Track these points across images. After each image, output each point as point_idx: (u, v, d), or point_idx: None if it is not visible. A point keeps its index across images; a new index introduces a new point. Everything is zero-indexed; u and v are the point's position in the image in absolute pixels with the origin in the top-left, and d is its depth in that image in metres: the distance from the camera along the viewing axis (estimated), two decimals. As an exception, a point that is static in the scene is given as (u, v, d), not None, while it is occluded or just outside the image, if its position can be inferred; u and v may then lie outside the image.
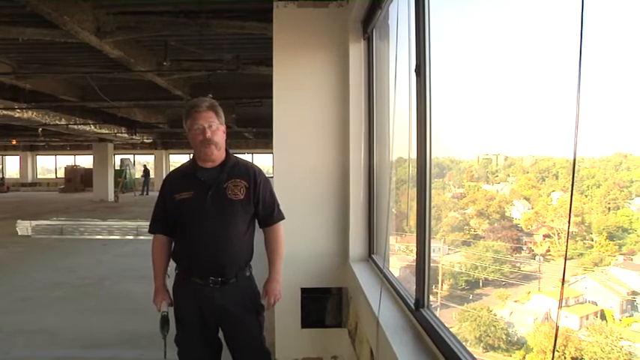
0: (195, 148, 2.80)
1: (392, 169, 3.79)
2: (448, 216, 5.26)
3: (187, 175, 2.86)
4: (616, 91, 1.79)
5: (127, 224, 13.72)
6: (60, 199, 26.46)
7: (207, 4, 6.34)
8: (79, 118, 15.98)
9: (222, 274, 2.78)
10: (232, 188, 2.77)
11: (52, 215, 15.92)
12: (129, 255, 10.88)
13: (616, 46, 1.73)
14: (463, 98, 3.52)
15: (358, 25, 4.08)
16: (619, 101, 1.75)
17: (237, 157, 2.93)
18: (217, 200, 2.76)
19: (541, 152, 3.91)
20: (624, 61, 1.20)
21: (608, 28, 1.74)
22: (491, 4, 2.93)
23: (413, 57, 2.64)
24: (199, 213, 2.75)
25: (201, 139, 2.73)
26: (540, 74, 2.73)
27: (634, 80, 0.99)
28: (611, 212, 3.26)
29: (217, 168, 2.81)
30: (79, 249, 11.65)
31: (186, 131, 2.82)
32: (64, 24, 5.99)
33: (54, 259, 10.43)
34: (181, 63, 8.92)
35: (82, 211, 19.40)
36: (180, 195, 2.79)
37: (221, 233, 2.76)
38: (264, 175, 2.93)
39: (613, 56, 1.78)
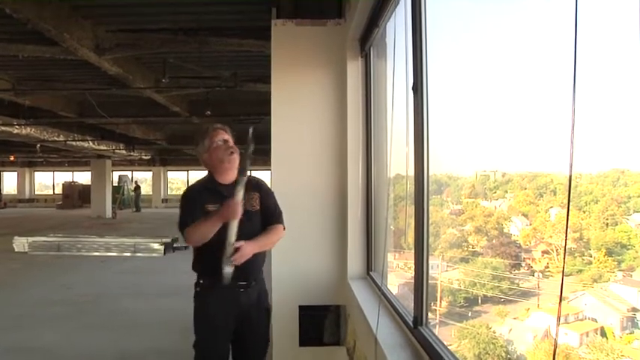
0: (216, 164, 3.01)
1: (390, 186, 3.80)
2: (446, 232, 5.25)
3: (210, 190, 3.02)
4: (612, 108, 1.79)
5: (124, 241, 13.68)
6: (57, 216, 26.39)
7: (205, 21, 6.40)
8: (78, 134, 16.00)
9: (248, 277, 3.02)
10: (249, 200, 2.98)
11: (50, 232, 15.86)
12: (127, 272, 10.84)
13: (611, 63, 1.75)
14: (461, 115, 3.53)
15: (356, 43, 4.11)
16: (615, 117, 1.76)
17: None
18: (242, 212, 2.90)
19: (539, 168, 3.91)
20: (619, 78, 1.21)
21: (602, 44, 1.75)
22: (488, 23, 2.96)
23: (410, 75, 2.66)
24: (226, 225, 2.86)
25: (225, 148, 2.99)
26: (538, 91, 2.75)
27: (629, 97, 1.00)
28: (610, 228, 3.25)
29: (233, 184, 2.94)
30: (76, 266, 11.59)
31: (204, 152, 3.04)
32: (64, 41, 6.03)
33: (51, 275, 10.37)
34: (180, 80, 8.96)
35: (79, 228, 19.33)
36: (210, 207, 2.93)
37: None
38: (267, 185, 3.22)
39: (608, 73, 1.80)
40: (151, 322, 6.83)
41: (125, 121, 14.04)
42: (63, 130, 15.15)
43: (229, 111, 11.71)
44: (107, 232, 16.53)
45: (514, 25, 2.82)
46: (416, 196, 2.64)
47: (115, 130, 16.32)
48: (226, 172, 3.01)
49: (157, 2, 5.97)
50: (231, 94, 10.16)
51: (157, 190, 34.88)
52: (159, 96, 9.74)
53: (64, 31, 5.82)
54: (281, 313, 4.07)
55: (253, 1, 5.84)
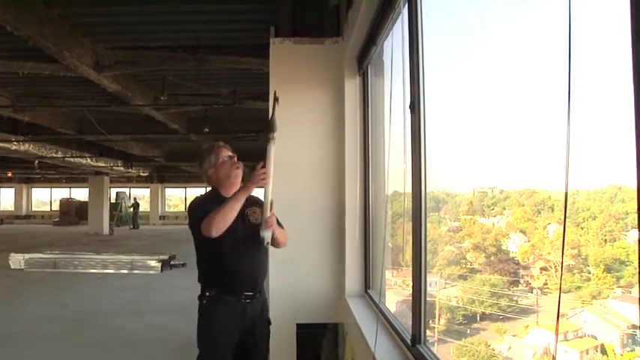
0: (222, 179, 3.11)
1: (387, 203, 3.80)
2: (444, 250, 5.24)
3: (217, 202, 3.01)
4: (609, 124, 1.81)
5: (121, 258, 13.60)
6: (54, 232, 26.26)
7: (205, 39, 6.45)
8: (76, 150, 15.99)
9: (254, 289, 3.08)
10: (252, 214, 3.08)
11: (46, 248, 15.75)
12: (124, 289, 10.76)
13: (606, 80, 1.76)
14: (458, 132, 3.55)
15: (353, 61, 4.14)
16: (612, 133, 1.77)
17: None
18: (245, 225, 3.03)
19: (536, 185, 3.92)
20: (615, 95, 1.23)
21: (597, 60, 1.78)
22: (485, 42, 2.99)
23: (407, 93, 2.68)
24: (234, 237, 2.95)
25: (231, 163, 3.11)
26: (534, 108, 2.76)
27: (625, 114, 1.02)
28: (608, 244, 3.25)
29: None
30: (72, 283, 11.51)
31: (210, 168, 3.13)
32: (64, 58, 6.07)
33: (47, 292, 10.30)
34: (178, 97, 8.99)
35: (76, 245, 19.22)
36: None
37: (254, 253, 3.07)
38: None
39: (603, 90, 1.81)
40: (148, 339, 6.77)
41: (124, 138, 14.05)
42: (61, 147, 15.15)
43: (228, 128, 11.73)
44: (104, 249, 16.44)
45: (510, 44, 2.85)
46: (413, 213, 2.65)
47: (113, 147, 16.33)
48: (232, 187, 3.09)
49: (156, 20, 6.02)
50: (230, 111, 10.20)
51: (154, 207, 34.79)
52: (157, 113, 9.77)
53: (64, 49, 5.86)
54: (279, 331, 4.03)
55: (252, 20, 5.90)
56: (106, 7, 5.67)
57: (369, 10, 3.28)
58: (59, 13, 5.73)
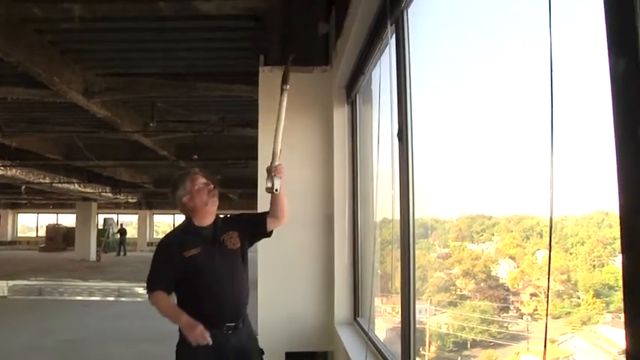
0: (198, 206, 2.99)
1: (376, 230, 3.81)
2: (434, 276, 5.23)
3: (189, 234, 3.00)
4: (595, 151, 1.84)
5: (108, 285, 13.45)
6: (40, 258, 25.89)
7: (195, 67, 6.50)
8: (64, 176, 15.89)
9: (237, 319, 2.95)
10: (229, 240, 2.98)
11: (31, 275, 15.52)
12: (111, 317, 10.59)
13: (589, 110, 1.80)
14: (446, 159, 3.58)
15: (342, 90, 4.19)
16: (597, 160, 1.80)
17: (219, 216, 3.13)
18: (222, 253, 2.95)
19: (525, 211, 3.94)
20: (600, 122, 1.26)
21: (579, 88, 1.81)
22: (471, 71, 3.04)
23: (395, 121, 2.71)
24: (211, 267, 2.90)
25: (207, 191, 3.00)
26: (521, 136, 2.80)
27: (608, 142, 1.04)
28: (597, 269, 3.26)
29: (212, 226, 3.01)
30: (58, 310, 11.32)
31: (185, 195, 3.00)
32: (54, 84, 6.07)
33: (31, 320, 10.10)
34: (168, 124, 9.00)
35: (62, 271, 18.94)
36: (189, 252, 2.90)
37: (233, 282, 2.96)
38: (237, 216, 3.26)
39: (588, 119, 1.85)
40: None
41: (112, 164, 14.01)
42: (49, 172, 15.05)
43: (217, 155, 11.75)
44: (91, 276, 16.24)
45: (495, 72, 2.90)
46: (402, 240, 2.65)
47: (101, 173, 16.25)
48: (207, 215, 3.01)
49: (146, 47, 6.06)
50: (219, 138, 10.22)
51: (142, 234, 34.48)
52: (147, 140, 9.76)
53: (53, 75, 5.88)
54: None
55: (242, 48, 5.96)
56: (97, 34, 5.70)
57: (357, 40, 3.33)
58: (50, 40, 5.76)
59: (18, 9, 4.53)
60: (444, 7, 2.97)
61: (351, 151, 4.16)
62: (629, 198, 1.00)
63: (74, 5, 4.37)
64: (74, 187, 17.74)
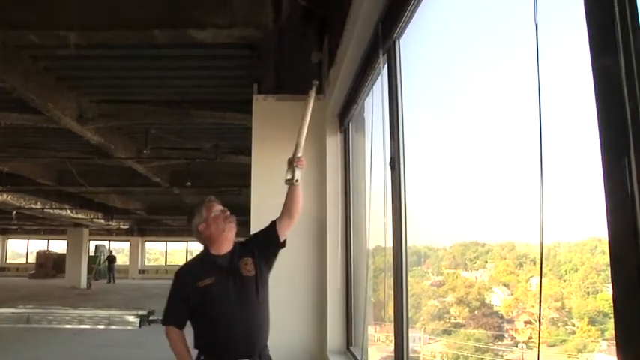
0: (215, 234, 2.91)
1: (369, 257, 3.80)
2: (428, 304, 5.20)
3: (205, 263, 2.94)
4: (586, 178, 1.86)
5: (98, 313, 13.25)
6: (29, 285, 25.51)
7: (189, 94, 6.55)
8: (56, 202, 15.82)
9: (252, 353, 2.81)
10: (244, 266, 2.87)
11: (19, 302, 15.25)
12: (101, 345, 10.41)
13: (579, 136, 1.82)
14: (438, 187, 3.60)
15: (335, 118, 4.22)
16: (588, 187, 1.82)
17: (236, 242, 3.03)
18: (237, 282, 2.84)
19: (517, 238, 3.95)
20: (590, 150, 1.28)
21: (569, 115, 1.84)
22: (461, 100, 3.08)
23: (388, 150, 2.73)
24: (224, 297, 2.80)
25: (224, 217, 2.92)
26: (512, 164, 2.83)
27: (598, 169, 1.06)
28: (591, 296, 3.26)
29: (229, 253, 2.91)
30: (46, 339, 11.11)
31: (201, 223, 2.93)
32: (48, 110, 6.10)
33: (18, 350, 9.89)
34: (161, 151, 9.02)
35: (52, 299, 18.66)
36: (203, 282, 2.82)
37: (246, 314, 2.81)
38: (250, 238, 3.12)
39: (579, 147, 1.87)
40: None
41: (105, 190, 13.98)
42: (41, 198, 14.99)
43: (210, 182, 11.76)
44: (81, 303, 16.00)
45: (486, 101, 2.94)
46: (394, 268, 2.65)
47: (94, 199, 16.19)
48: (224, 242, 2.92)
49: (141, 75, 6.12)
50: (212, 165, 10.23)
51: (134, 261, 34.15)
52: (140, 166, 9.77)
53: (48, 101, 5.91)
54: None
55: (235, 76, 6.02)
56: (92, 61, 5.75)
57: (350, 69, 3.38)
58: (45, 66, 5.80)
59: (14, 36, 4.57)
60: (434, 37, 3.02)
61: (344, 178, 4.17)
62: (617, 226, 1.01)
63: (70, 33, 4.41)
64: (66, 213, 17.65)
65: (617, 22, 0.98)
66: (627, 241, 0.96)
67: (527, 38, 1.39)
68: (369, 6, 2.59)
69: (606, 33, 1.01)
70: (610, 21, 1.00)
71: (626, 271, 0.97)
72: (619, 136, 0.98)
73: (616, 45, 0.98)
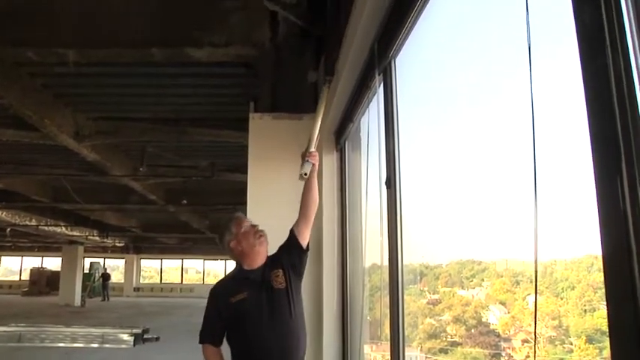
0: (246, 249, 2.91)
1: (365, 276, 3.79)
2: (424, 322, 5.18)
3: (237, 279, 2.93)
4: (582, 195, 1.87)
5: (92, 331, 13.11)
6: (22, 303, 25.27)
7: (185, 112, 6.57)
8: (50, 219, 15.76)
9: None
10: (275, 279, 2.85)
11: (11, 321, 15.06)
12: (93, 365, 10.31)
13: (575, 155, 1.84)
14: (434, 205, 3.61)
15: (331, 136, 4.24)
16: (584, 204, 1.83)
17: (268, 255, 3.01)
18: (269, 295, 2.81)
19: (514, 256, 3.95)
20: (584, 171, 1.29)
21: (565, 133, 1.86)
22: (456, 119, 3.10)
23: (384, 168, 2.74)
24: (257, 312, 2.77)
25: (254, 232, 2.92)
26: (508, 182, 2.84)
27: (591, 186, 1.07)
28: (588, 314, 3.25)
29: (261, 268, 2.90)
30: (38, 358, 10.99)
31: (232, 240, 2.93)
32: (44, 127, 6.11)
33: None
34: (157, 168, 9.03)
35: (45, 317, 18.47)
36: (236, 297, 2.81)
37: (280, 327, 2.79)
38: (278, 250, 3.02)
39: (574, 165, 1.88)
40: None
41: (100, 207, 13.94)
42: (35, 215, 14.93)
43: (205, 200, 11.75)
44: (74, 322, 15.84)
45: (480, 120, 2.96)
46: (390, 286, 2.65)
47: (89, 217, 16.14)
48: (257, 257, 2.91)
49: (138, 93, 6.15)
50: (208, 183, 10.25)
51: (129, 279, 33.92)
52: (136, 184, 9.77)
53: (44, 117, 5.92)
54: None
55: (232, 94, 6.06)
56: (89, 79, 5.78)
57: (346, 89, 3.40)
58: (42, 83, 5.83)
59: (13, 52, 4.60)
60: (429, 56, 3.05)
61: (340, 196, 4.18)
62: (610, 244, 1.02)
63: (69, 50, 4.45)
64: (61, 230, 17.57)
65: (608, 44, 1.00)
66: (621, 258, 0.97)
67: (521, 58, 1.40)
68: (366, 26, 2.62)
69: (598, 55, 1.03)
70: (601, 42, 1.01)
71: (620, 288, 0.98)
72: (611, 155, 0.99)
73: (607, 68, 0.99)
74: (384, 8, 2.49)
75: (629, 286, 0.95)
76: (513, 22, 1.60)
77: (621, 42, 0.98)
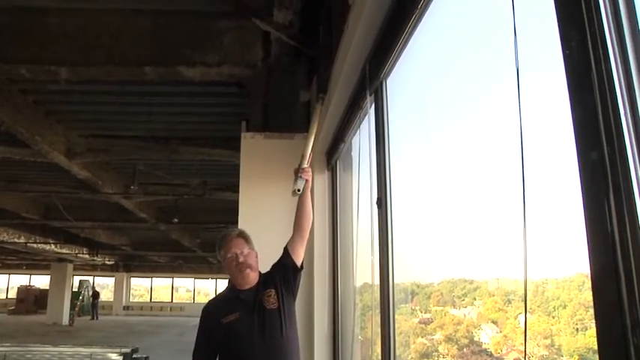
0: (232, 275, 2.90)
1: (356, 295, 3.78)
2: (416, 342, 5.15)
3: (229, 299, 2.91)
4: (571, 216, 1.89)
5: (79, 351, 12.85)
6: (8, 322, 24.83)
7: (177, 131, 6.58)
8: (40, 236, 15.63)
9: None
10: (267, 299, 2.82)
11: (-3, 340, 14.83)
12: (79, 385, 10.13)
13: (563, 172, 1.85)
14: (425, 224, 3.62)
15: (323, 156, 4.26)
16: (575, 224, 1.85)
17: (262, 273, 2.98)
18: (261, 316, 2.78)
19: (505, 274, 3.95)
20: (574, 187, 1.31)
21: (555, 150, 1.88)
22: (448, 138, 3.13)
23: (374, 188, 2.76)
24: (248, 333, 2.75)
25: (236, 264, 2.84)
26: (499, 202, 2.86)
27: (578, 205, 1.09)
28: (580, 333, 3.24)
29: (254, 288, 2.86)
30: (24, 379, 10.78)
31: (222, 261, 2.93)
32: (36, 144, 6.10)
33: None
34: (148, 186, 9.01)
35: (32, 336, 18.20)
36: (227, 318, 2.79)
37: (271, 349, 2.76)
38: (272, 268, 2.98)
39: (568, 186, 1.90)
40: None
41: (91, 225, 13.85)
42: (24, 232, 14.80)
43: (197, 219, 11.73)
44: (62, 341, 15.57)
45: (470, 140, 2.98)
46: (382, 306, 2.64)
47: (79, 234, 16.02)
48: (243, 282, 2.87)
49: (130, 111, 6.15)
50: (200, 201, 10.22)
51: (118, 297, 33.57)
52: (127, 202, 9.73)
53: (36, 134, 5.91)
54: None
55: (224, 113, 6.08)
56: (82, 96, 5.79)
57: (337, 109, 3.42)
58: (34, 100, 5.83)
59: (5, 69, 4.60)
60: (420, 77, 3.08)
61: (332, 216, 4.18)
62: (599, 265, 1.03)
63: (62, 68, 4.45)
64: (50, 248, 17.41)
65: (593, 68, 1.02)
66: (609, 279, 0.98)
67: (510, 80, 1.43)
68: (357, 47, 2.65)
69: (584, 80, 1.05)
70: (587, 69, 1.04)
71: (608, 308, 0.99)
72: (598, 179, 1.01)
73: (593, 92, 1.02)
74: (375, 30, 2.52)
75: (616, 305, 0.96)
76: (502, 46, 1.62)
77: (607, 72, 1.00)
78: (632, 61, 0.99)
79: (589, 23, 1.04)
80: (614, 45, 1.01)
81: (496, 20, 2.01)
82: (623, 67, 1.00)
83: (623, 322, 0.94)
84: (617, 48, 1.00)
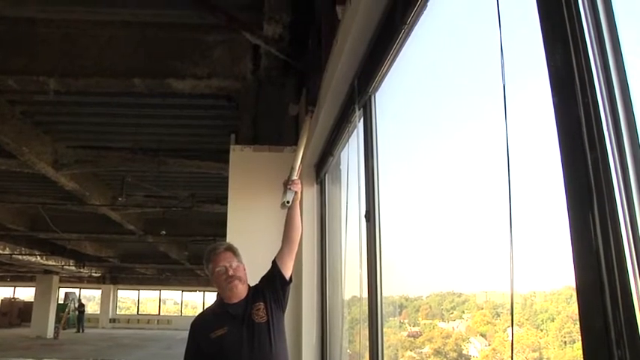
0: (220, 289, 2.87)
1: (345, 308, 3.77)
2: (405, 355, 5.14)
3: (217, 313, 2.88)
4: (558, 229, 1.90)
5: (64, 365, 12.74)
6: (-9, 336, 24.50)
7: (166, 142, 6.56)
8: (26, 247, 15.44)
9: None
10: (256, 313, 2.80)
11: (-21, 355, 14.58)
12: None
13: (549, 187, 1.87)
14: (414, 238, 3.63)
15: (311, 169, 4.27)
16: (561, 237, 1.86)
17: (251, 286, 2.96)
18: (250, 330, 2.76)
19: (494, 287, 3.96)
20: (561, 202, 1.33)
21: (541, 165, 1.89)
22: (435, 153, 3.15)
23: (363, 201, 2.76)
24: (238, 347, 2.72)
25: (225, 277, 2.81)
26: (486, 215, 2.87)
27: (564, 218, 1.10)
28: (568, 346, 3.25)
29: (243, 301, 2.84)
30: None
31: (210, 275, 2.90)
32: (22, 154, 6.06)
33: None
34: (136, 198, 8.96)
35: (14, 350, 17.90)
36: (216, 333, 2.76)
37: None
38: (262, 281, 2.97)
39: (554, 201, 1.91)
40: None
41: (78, 237, 13.71)
42: (9, 243, 14.61)
43: (185, 231, 11.67)
44: (46, 355, 15.39)
45: (458, 153, 3.01)
46: (370, 319, 2.64)
47: (65, 246, 15.85)
48: (231, 296, 2.84)
49: (119, 122, 6.13)
50: (188, 214, 10.18)
51: (105, 310, 33.17)
52: (114, 213, 9.67)
53: (23, 145, 5.88)
54: None
55: (213, 126, 6.08)
56: (70, 107, 5.76)
57: (326, 123, 3.44)
58: (22, 111, 5.80)
59: (-8, 80, 4.57)
60: (408, 92, 3.10)
61: (320, 229, 4.18)
62: (584, 279, 1.05)
63: (50, 79, 4.44)
64: (36, 260, 17.21)
65: (577, 79, 1.04)
66: (594, 292, 0.99)
67: (496, 95, 1.44)
68: (346, 62, 2.67)
69: (569, 97, 1.06)
70: (571, 79, 1.05)
71: (594, 321, 1.00)
72: (583, 194, 1.02)
73: (577, 105, 1.03)
74: (364, 45, 2.54)
75: (601, 320, 0.97)
76: (489, 61, 1.65)
77: (589, 84, 1.02)
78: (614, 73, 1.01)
79: (572, 37, 1.06)
80: (596, 58, 1.03)
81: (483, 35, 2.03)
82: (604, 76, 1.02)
83: (608, 336, 0.95)
84: (599, 61, 1.03)
